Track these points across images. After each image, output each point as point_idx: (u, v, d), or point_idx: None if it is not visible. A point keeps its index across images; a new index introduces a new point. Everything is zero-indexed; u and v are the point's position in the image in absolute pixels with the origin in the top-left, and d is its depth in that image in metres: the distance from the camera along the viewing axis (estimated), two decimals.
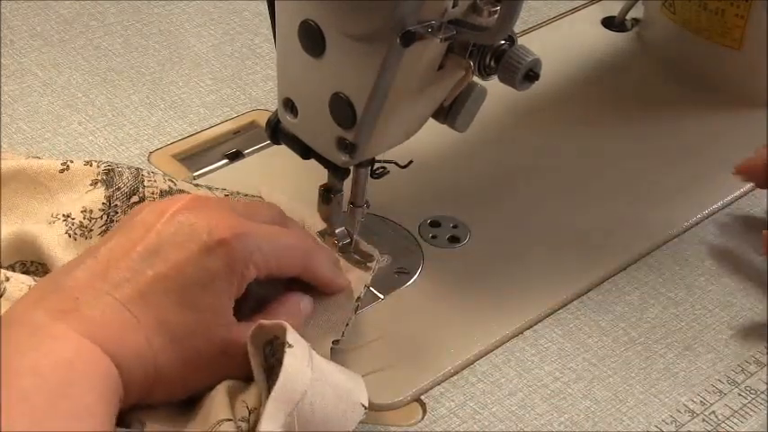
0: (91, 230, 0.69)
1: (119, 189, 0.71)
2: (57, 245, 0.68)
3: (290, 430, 0.57)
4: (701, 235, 0.80)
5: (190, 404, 0.62)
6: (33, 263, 0.69)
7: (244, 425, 0.58)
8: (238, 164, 0.84)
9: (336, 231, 0.73)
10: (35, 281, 0.66)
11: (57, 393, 0.54)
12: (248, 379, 0.61)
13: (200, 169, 0.83)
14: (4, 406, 0.52)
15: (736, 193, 0.83)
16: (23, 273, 0.68)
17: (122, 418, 0.59)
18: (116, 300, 0.59)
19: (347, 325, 0.68)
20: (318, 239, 0.73)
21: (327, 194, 0.71)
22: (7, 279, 0.65)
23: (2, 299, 0.64)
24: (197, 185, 0.74)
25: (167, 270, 0.60)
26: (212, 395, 0.60)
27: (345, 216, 0.73)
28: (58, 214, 0.69)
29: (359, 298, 0.70)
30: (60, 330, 0.57)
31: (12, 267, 0.68)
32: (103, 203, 0.70)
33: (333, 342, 0.67)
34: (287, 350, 0.58)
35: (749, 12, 0.87)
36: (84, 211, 0.69)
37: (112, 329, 0.58)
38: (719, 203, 0.82)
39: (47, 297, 0.59)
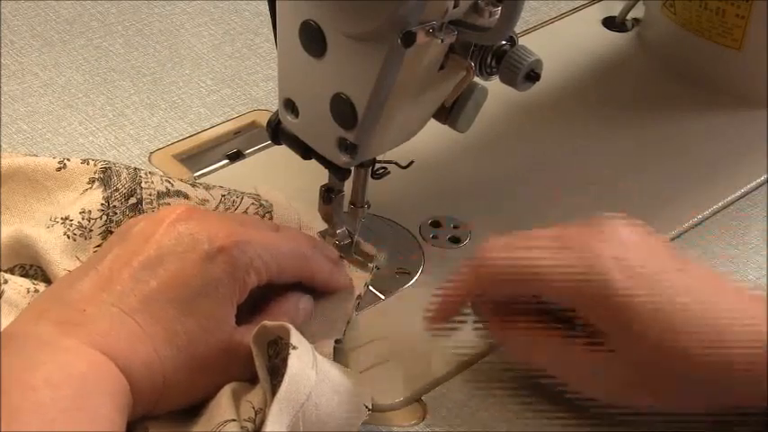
0: (91, 231, 0.69)
1: (117, 190, 0.70)
2: (55, 247, 0.68)
3: (294, 431, 0.57)
4: (700, 235, 0.80)
5: (194, 407, 0.62)
6: (33, 266, 0.68)
7: (249, 425, 0.58)
8: (239, 164, 0.84)
9: (337, 231, 0.73)
10: (33, 284, 0.66)
11: (73, 405, 0.53)
12: (252, 380, 0.61)
13: (201, 169, 0.83)
14: (21, 419, 0.52)
15: (737, 194, 0.83)
16: (23, 276, 0.68)
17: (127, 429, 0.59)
18: (121, 311, 0.59)
19: (348, 323, 0.68)
20: (319, 239, 0.73)
21: (328, 195, 0.71)
22: (5, 281, 0.65)
23: (0, 300, 0.64)
24: (194, 185, 0.74)
25: (170, 279, 0.60)
26: (217, 397, 0.61)
27: (346, 216, 0.73)
28: (56, 218, 0.69)
29: (359, 297, 0.70)
30: (70, 343, 0.57)
31: (11, 271, 0.68)
32: (102, 204, 0.70)
33: (335, 341, 0.67)
34: (291, 352, 0.58)
35: (749, 12, 0.87)
36: (83, 212, 0.69)
37: (121, 341, 0.58)
38: (719, 204, 0.82)
39: (51, 310, 0.59)
